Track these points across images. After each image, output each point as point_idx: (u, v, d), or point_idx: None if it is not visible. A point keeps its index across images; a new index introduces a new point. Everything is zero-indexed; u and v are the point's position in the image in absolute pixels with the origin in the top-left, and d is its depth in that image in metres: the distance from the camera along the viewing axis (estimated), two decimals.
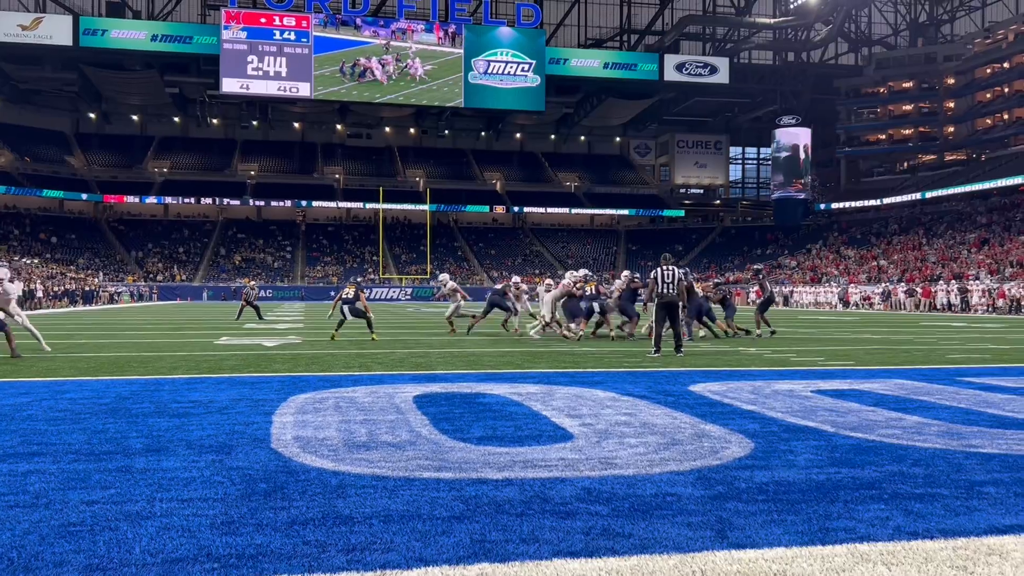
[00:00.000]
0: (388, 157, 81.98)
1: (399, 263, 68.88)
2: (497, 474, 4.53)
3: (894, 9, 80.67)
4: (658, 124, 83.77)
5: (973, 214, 59.56)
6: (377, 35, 65.12)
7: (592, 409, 6.87)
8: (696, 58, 71.38)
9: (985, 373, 10.21)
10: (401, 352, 12.99)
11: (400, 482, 4.35)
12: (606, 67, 69.43)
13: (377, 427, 5.96)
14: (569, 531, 3.51)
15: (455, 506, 3.89)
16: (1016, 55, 64.96)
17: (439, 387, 8.39)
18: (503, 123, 79.13)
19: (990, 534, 3.48)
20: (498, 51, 67.07)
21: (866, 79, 75.03)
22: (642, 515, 3.76)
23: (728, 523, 3.61)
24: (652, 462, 4.88)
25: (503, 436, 5.67)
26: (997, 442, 5.52)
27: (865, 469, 4.71)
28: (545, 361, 11.49)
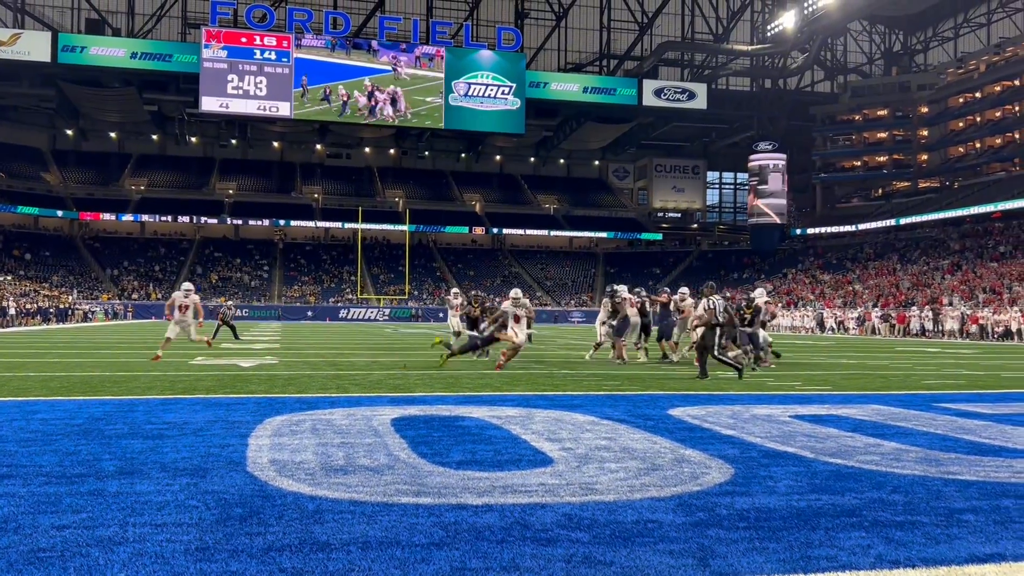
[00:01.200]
0: (367, 177, 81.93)
1: (377, 283, 68.68)
2: (477, 499, 4.49)
3: (869, 38, 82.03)
4: (636, 148, 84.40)
5: (946, 240, 60.36)
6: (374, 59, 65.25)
7: (572, 433, 6.84)
8: (674, 84, 72.10)
9: (961, 399, 10.29)
10: (379, 373, 12.90)
11: (378, 507, 4.29)
12: (585, 91, 69.94)
13: (355, 450, 5.89)
14: (550, 559, 3.47)
15: (435, 532, 3.84)
16: (987, 85, 66.19)
17: (417, 409, 8.32)
18: (483, 145, 79.40)
19: (970, 563, 3.49)
20: (479, 74, 67.43)
21: (841, 106, 76.11)
22: (623, 542, 3.72)
23: (710, 551, 3.59)
24: (632, 488, 4.85)
25: (483, 460, 5.63)
26: (975, 469, 5.54)
27: (845, 496, 4.71)
28: (524, 384, 11.45)
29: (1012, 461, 5.89)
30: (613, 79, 72.43)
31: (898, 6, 71.79)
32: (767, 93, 77.76)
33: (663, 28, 77.46)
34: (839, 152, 75.65)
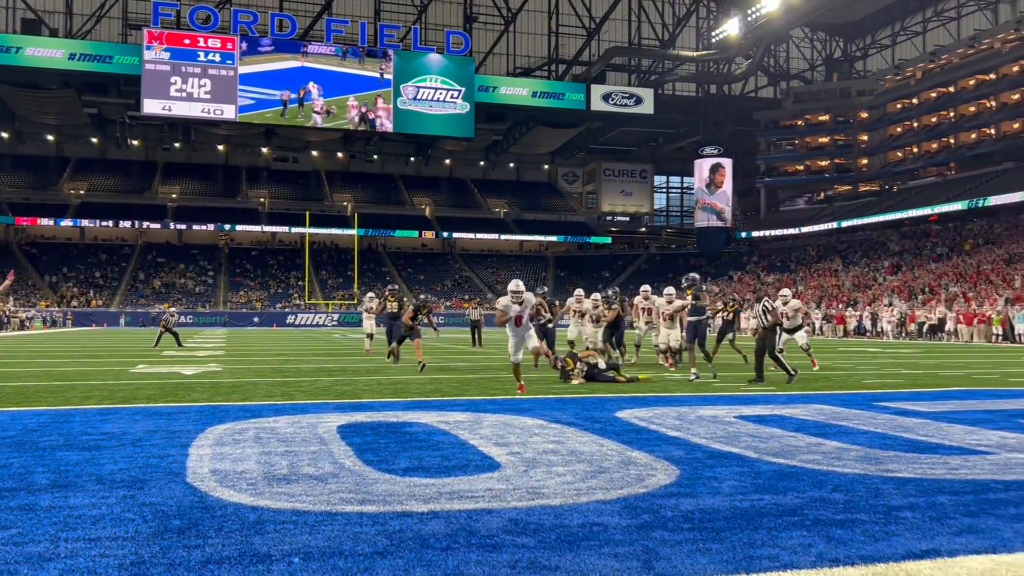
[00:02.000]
0: (315, 181, 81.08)
1: (326, 288, 67.96)
2: (423, 506, 4.45)
3: (811, 45, 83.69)
4: (585, 153, 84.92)
5: (886, 242, 61.84)
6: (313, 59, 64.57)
7: (520, 437, 6.83)
8: (622, 89, 72.72)
9: (900, 398, 10.54)
10: (326, 380, 12.75)
11: (322, 517, 4.22)
12: (534, 96, 70.16)
13: (299, 459, 5.80)
14: (495, 564, 3.45)
15: (378, 541, 3.79)
16: (924, 91, 68.01)
17: (364, 416, 8.24)
18: (432, 149, 79.13)
19: (907, 559, 3.55)
20: (427, 77, 67.18)
21: (784, 112, 77.55)
22: (569, 546, 3.72)
23: (654, 553, 3.60)
24: (579, 491, 4.86)
25: (429, 467, 5.58)
26: (912, 467, 5.66)
27: (787, 495, 4.78)
28: (474, 388, 11.41)
29: (947, 458, 6.04)
30: (562, 84, 72.82)
31: (838, 14, 73.37)
32: (712, 98, 78.87)
33: (611, 33, 78.09)
34: (783, 156, 77.06)
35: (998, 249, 50.36)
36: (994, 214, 55.90)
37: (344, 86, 65.33)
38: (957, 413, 8.79)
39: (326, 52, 65.20)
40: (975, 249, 52.36)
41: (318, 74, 64.80)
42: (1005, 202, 52.62)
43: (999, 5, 67.28)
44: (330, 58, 65.21)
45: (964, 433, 7.30)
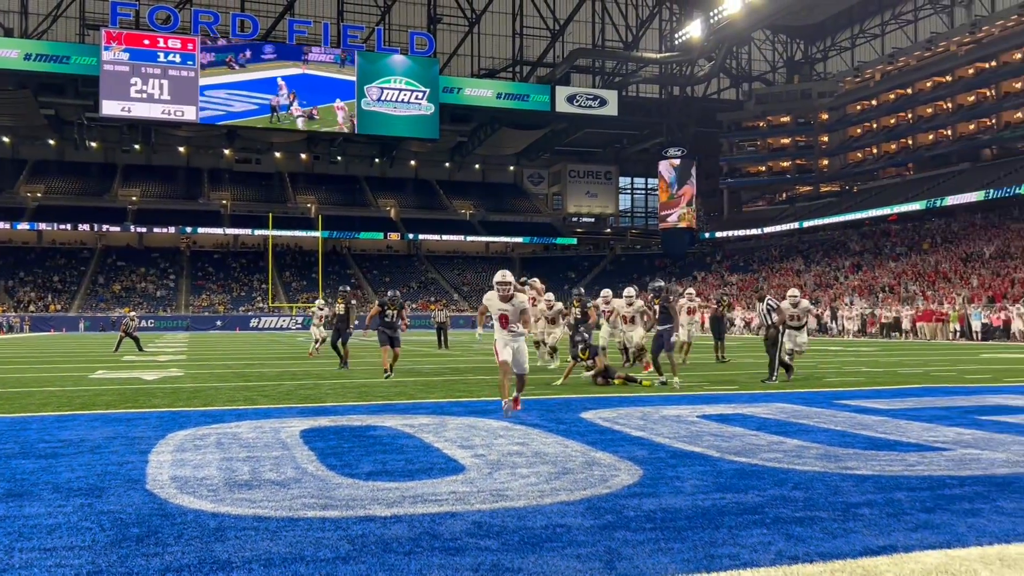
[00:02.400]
0: (278, 183, 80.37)
1: (290, 291, 67.37)
2: (386, 511, 4.43)
3: (772, 47, 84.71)
4: (550, 154, 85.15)
5: (847, 242, 62.76)
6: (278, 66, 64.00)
7: (485, 439, 6.83)
8: (586, 90, 73.02)
9: (860, 396, 10.70)
10: (289, 384, 12.64)
11: (283, 522, 4.19)
12: (499, 97, 70.18)
13: (261, 464, 5.75)
14: (458, 568, 3.45)
15: (340, 546, 3.77)
16: (882, 93, 69.17)
17: (328, 420, 8.18)
18: (397, 150, 78.83)
19: (865, 555, 3.61)
20: (391, 78, 66.91)
21: (747, 113, 78.42)
22: (532, 548, 3.73)
23: (617, 553, 3.62)
24: (543, 492, 4.87)
25: (393, 470, 5.56)
26: (871, 463, 5.75)
27: (748, 494, 4.83)
28: (439, 391, 11.39)
29: (905, 455, 6.14)
30: (526, 85, 72.93)
31: (798, 17, 74.37)
32: (676, 100, 79.49)
33: (575, 35, 78.38)
34: (745, 158, 77.89)
35: (955, 248, 51.34)
36: (951, 214, 56.99)
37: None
38: (915, 411, 8.95)
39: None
40: (933, 248, 53.33)
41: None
42: (961, 202, 53.66)
43: (954, 8, 68.61)
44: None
45: (922, 430, 7.43)
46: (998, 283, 41.55)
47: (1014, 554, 3.59)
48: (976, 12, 65.21)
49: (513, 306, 8.27)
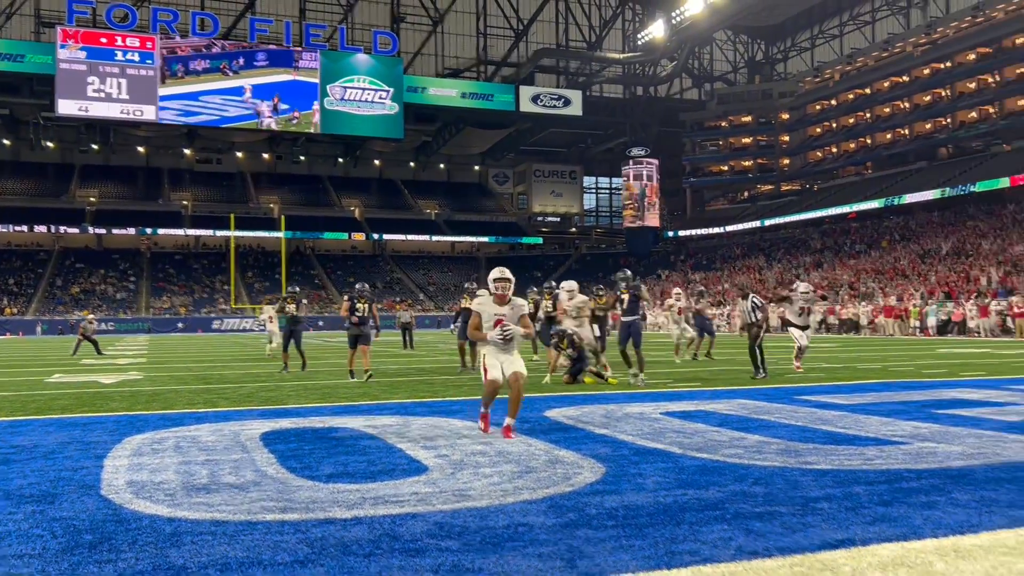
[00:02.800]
0: (240, 183, 79.52)
1: (253, 292, 66.69)
2: (346, 513, 4.38)
3: (733, 48, 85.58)
4: (515, 154, 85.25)
5: (807, 240, 63.59)
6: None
7: (449, 439, 6.80)
8: (551, 90, 73.20)
9: (820, 391, 10.82)
10: (251, 386, 12.49)
11: (241, 526, 4.13)
12: (463, 97, 70.10)
13: (220, 467, 5.66)
14: (417, 569, 3.42)
15: (299, 550, 3.72)
16: (841, 93, 70.20)
17: (289, 422, 8.09)
18: (361, 150, 78.40)
19: (823, 549, 3.64)
20: (355, 78, 66.53)
21: (709, 113, 79.16)
22: (493, 548, 3.71)
23: (578, 551, 3.61)
24: (506, 492, 4.85)
25: (354, 472, 5.51)
26: (830, 458, 5.81)
27: (709, 490, 4.85)
28: (403, 391, 11.32)
29: (863, 449, 6.22)
30: (491, 85, 72.91)
31: (759, 17, 75.20)
32: (639, 100, 79.98)
33: (538, 35, 78.52)
34: (708, 157, 78.61)
35: (913, 245, 52.24)
36: (909, 211, 57.99)
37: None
38: (874, 405, 9.07)
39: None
40: (892, 246, 54.21)
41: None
42: (919, 200, 54.63)
43: (911, 10, 69.81)
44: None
45: (880, 424, 7.53)
46: (954, 279, 42.34)
47: (968, 545, 3.65)
48: (931, 13, 66.46)
49: (512, 310, 7.07)
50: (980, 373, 13.82)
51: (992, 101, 56.89)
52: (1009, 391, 10.57)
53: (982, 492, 4.72)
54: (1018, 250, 43.02)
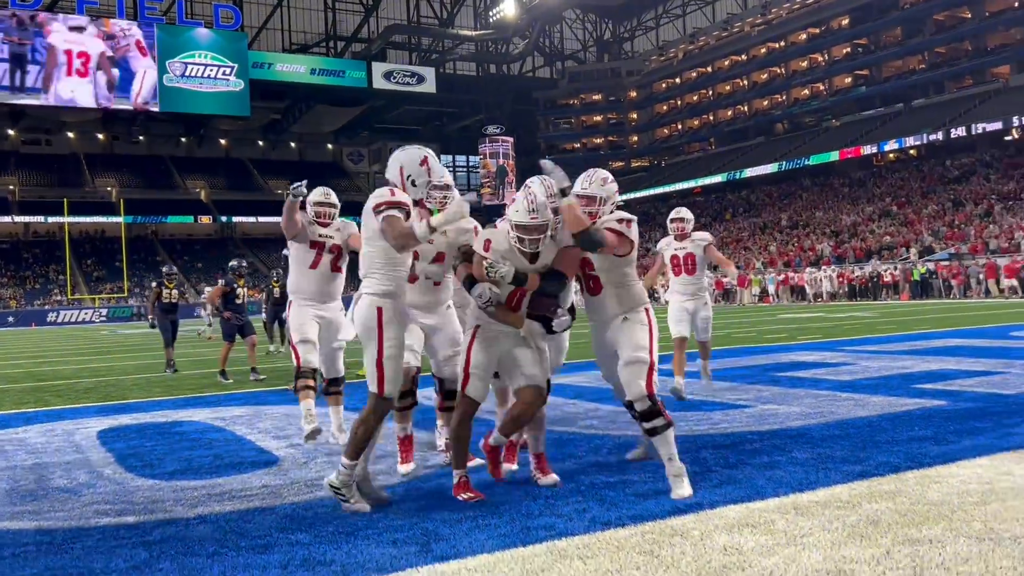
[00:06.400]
0: (73, 165, 74.40)
1: (91, 281, 62.80)
2: (189, 512, 4.15)
3: (583, 26, 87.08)
4: (370, 132, 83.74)
5: (656, 215, 65.86)
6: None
7: (303, 428, 6.57)
8: (403, 67, 72.25)
9: (667, 359, 11.18)
10: (88, 381, 11.73)
11: (72, 533, 3.83)
12: (313, 73, 68.15)
13: (49, 471, 5.25)
14: (266, 566, 3.26)
15: (137, 554, 3.48)
16: (685, 71, 72.78)
17: (130, 418, 7.63)
18: (206, 128, 74.98)
19: (673, 515, 3.72)
20: (196, 53, 63.37)
21: (561, 91, 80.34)
22: (346, 538, 3.59)
23: (434, 535, 3.55)
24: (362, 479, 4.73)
25: (199, 467, 5.24)
26: (680, 424, 5.97)
27: (566, 462, 4.90)
28: (256, 381, 10.90)
29: (710, 414, 6.47)
30: (342, 61, 71.21)
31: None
32: (492, 78, 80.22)
33: (389, 11, 77.13)
34: (561, 135, 79.89)
35: (754, 218, 55.04)
36: (749, 185, 60.99)
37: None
38: (719, 372, 9.45)
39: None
40: (734, 218, 56.92)
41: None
42: (758, 174, 57.51)
43: None
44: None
45: (725, 390, 7.86)
46: (792, 251, 44.97)
47: (807, 502, 3.82)
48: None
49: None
50: (816, 336, 14.71)
51: (822, 79, 60.43)
52: (842, 352, 11.29)
53: (819, 449, 4.99)
54: (848, 220, 46.12)
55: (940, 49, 52.89)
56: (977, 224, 38.06)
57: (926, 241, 38.21)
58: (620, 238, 4.39)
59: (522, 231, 4.12)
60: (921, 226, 40.84)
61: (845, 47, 59.17)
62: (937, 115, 49.04)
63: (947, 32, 52.15)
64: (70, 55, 59.04)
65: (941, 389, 7.29)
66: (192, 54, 63.23)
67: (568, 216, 4.17)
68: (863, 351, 11.30)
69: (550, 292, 4.28)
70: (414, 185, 4.19)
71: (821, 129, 59.85)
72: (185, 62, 62.99)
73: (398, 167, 4.20)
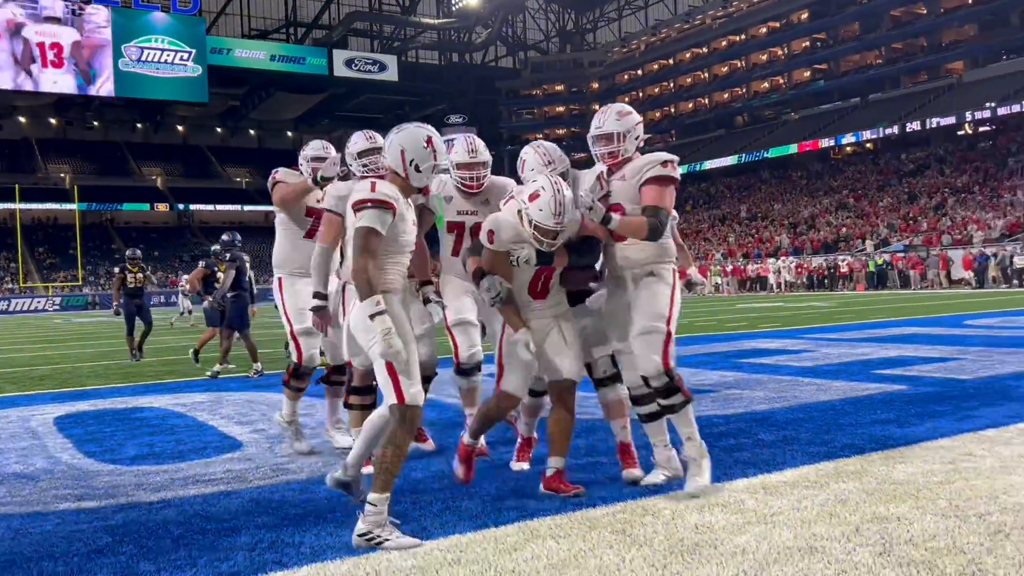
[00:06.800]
0: (25, 151, 72.60)
1: (44, 270, 61.45)
2: (152, 496, 4.07)
3: (545, 16, 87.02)
4: (331, 120, 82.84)
5: None
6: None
7: (266, 414, 6.50)
8: (365, 55, 71.62)
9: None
10: (43, 368, 11.47)
11: (29, 519, 3.73)
12: (273, 60, 67.28)
13: (4, 457, 5.12)
14: (231, 548, 3.21)
15: (99, 538, 3.40)
16: (647, 63, 73.11)
17: (88, 404, 7.48)
18: (163, 115, 73.70)
19: (644, 496, 3.74)
20: (152, 38, 62.18)
21: (523, 81, 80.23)
22: (315, 520, 3.55)
23: (404, 516, 3.51)
24: (327, 464, 4.68)
25: (161, 453, 5.14)
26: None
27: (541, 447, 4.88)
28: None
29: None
30: (302, 47, 70.40)
31: None
32: (455, 67, 79.87)
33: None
34: (524, 125, 79.83)
35: (714, 209, 55.55)
36: (709, 177, 61.51)
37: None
38: (682, 359, 9.51)
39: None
40: (694, 210, 57.39)
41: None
42: (718, 166, 58.05)
43: None
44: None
45: (689, 375, 7.90)
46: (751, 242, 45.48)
47: (775, 482, 3.86)
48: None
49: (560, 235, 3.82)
50: (776, 325, 14.90)
51: (781, 72, 61.08)
52: (803, 340, 11.45)
53: (784, 432, 5.04)
54: (806, 212, 46.76)
55: (896, 45, 53.78)
56: (931, 217, 38.82)
57: (882, 233, 38.89)
58: (663, 193, 3.83)
59: (544, 234, 3.69)
60: (877, 218, 41.55)
61: (804, 41, 59.88)
62: (893, 109, 49.90)
63: (903, 28, 53.00)
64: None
65: (900, 374, 7.42)
66: (148, 39, 62.07)
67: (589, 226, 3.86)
68: (823, 339, 11.47)
69: (585, 264, 3.92)
70: (418, 171, 3.54)
71: (780, 122, 60.53)
72: (141, 47, 61.82)
73: (399, 150, 3.55)
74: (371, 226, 3.34)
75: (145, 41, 61.96)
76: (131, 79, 61.79)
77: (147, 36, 62.02)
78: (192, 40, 63.55)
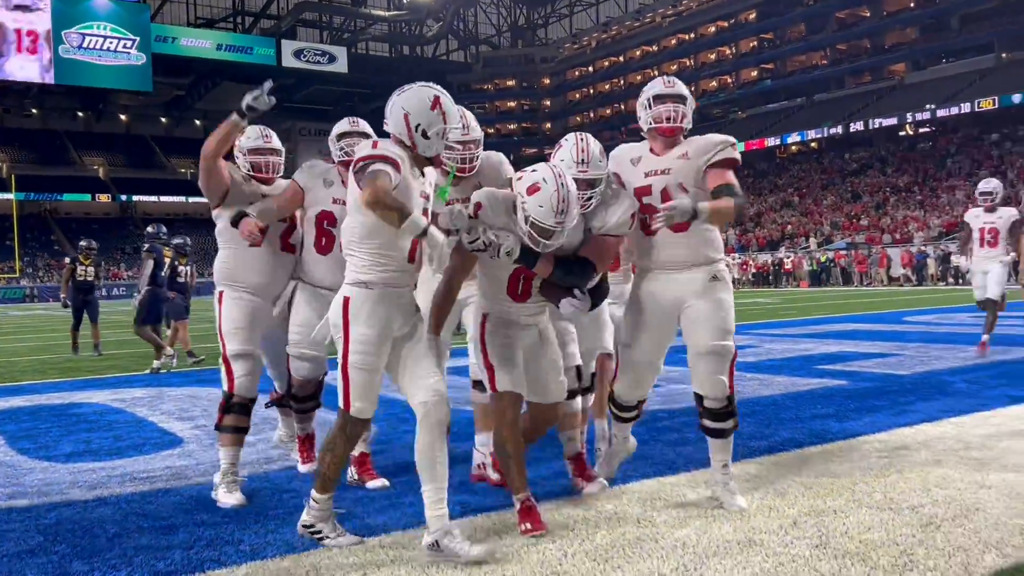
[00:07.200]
0: None
1: None
2: (88, 494, 3.97)
3: (497, 11, 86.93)
4: (279, 111, 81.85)
5: None
6: None
7: (207, 409, 6.38)
8: (314, 46, 70.78)
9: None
10: None
11: None
12: (220, 49, 66.11)
13: None
14: (169, 547, 3.14)
15: (30, 538, 3.31)
16: (598, 60, 73.49)
17: (24, 400, 7.27)
18: (105, 103, 71.88)
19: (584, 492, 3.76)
20: (95, 24, 60.62)
21: (475, 76, 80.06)
22: (255, 518, 3.50)
23: (347, 514, 3.48)
24: (270, 459, 4.64)
25: (98, 450, 5.02)
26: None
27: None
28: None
29: None
30: (250, 37, 69.32)
31: None
32: (406, 60, 79.35)
33: None
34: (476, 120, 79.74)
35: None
36: None
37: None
38: None
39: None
40: None
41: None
42: None
43: None
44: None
45: None
46: None
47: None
48: None
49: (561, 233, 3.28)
50: None
51: (729, 72, 61.91)
52: (747, 335, 11.62)
53: None
54: (751, 209, 47.46)
55: (841, 46, 54.85)
56: (872, 215, 39.72)
57: (826, 231, 39.68)
58: (733, 175, 3.62)
59: (540, 233, 3.18)
60: (821, 216, 42.38)
61: (752, 41, 60.76)
62: (837, 110, 50.90)
63: (847, 30, 54.08)
64: None
65: (840, 370, 7.58)
66: (90, 25, 60.53)
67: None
68: (766, 334, 11.67)
69: (570, 285, 3.30)
70: (426, 137, 3.17)
71: (728, 121, 61.34)
72: (83, 33, 60.25)
73: (402, 114, 3.20)
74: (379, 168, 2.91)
75: (87, 27, 60.41)
76: (72, 66, 60.19)
77: (89, 23, 60.48)
78: (136, 28, 62.13)
